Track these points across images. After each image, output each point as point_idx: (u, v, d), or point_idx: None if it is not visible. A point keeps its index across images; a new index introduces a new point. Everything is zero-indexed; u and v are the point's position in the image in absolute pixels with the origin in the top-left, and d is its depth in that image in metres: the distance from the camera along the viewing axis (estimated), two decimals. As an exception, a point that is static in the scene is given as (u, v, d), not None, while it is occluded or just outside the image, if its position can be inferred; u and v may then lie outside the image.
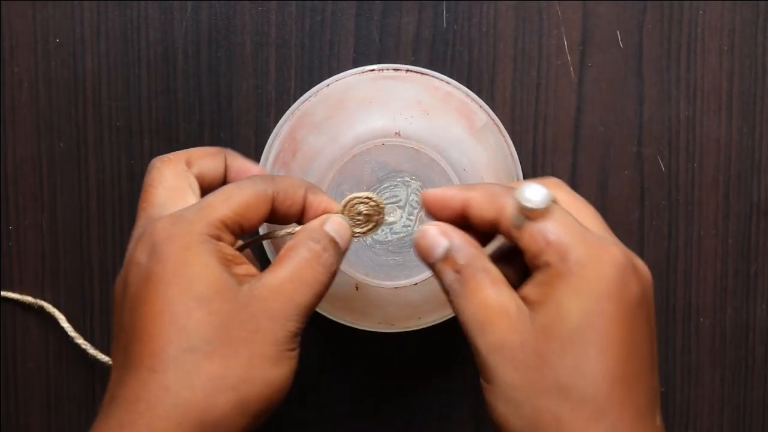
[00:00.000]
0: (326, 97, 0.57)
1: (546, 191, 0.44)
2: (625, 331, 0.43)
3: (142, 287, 0.45)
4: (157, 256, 0.45)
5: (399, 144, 0.55)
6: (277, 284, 0.45)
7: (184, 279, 0.44)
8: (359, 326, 0.58)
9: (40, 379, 0.62)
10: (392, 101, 0.56)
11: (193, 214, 0.46)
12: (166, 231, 0.45)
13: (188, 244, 0.45)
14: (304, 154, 0.56)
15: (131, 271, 0.46)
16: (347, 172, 0.55)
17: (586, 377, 0.42)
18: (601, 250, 0.44)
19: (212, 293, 0.44)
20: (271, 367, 0.45)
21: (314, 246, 0.46)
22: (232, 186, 0.47)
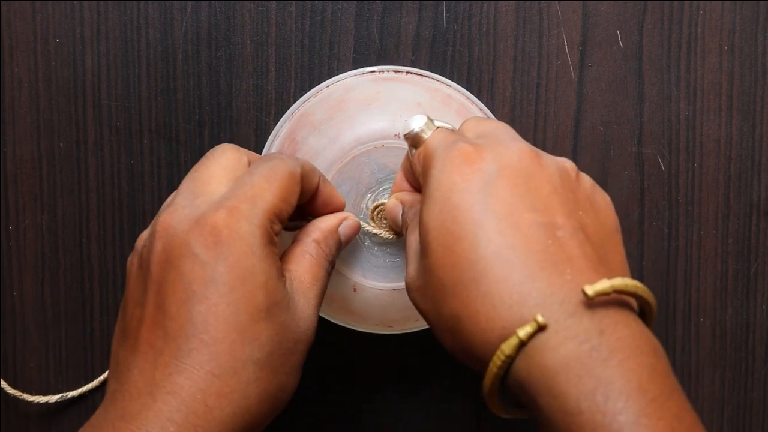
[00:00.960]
0: (326, 98, 0.57)
1: (421, 116, 0.48)
2: (477, 213, 0.43)
3: (203, 285, 0.44)
4: (220, 256, 0.44)
5: (399, 146, 0.55)
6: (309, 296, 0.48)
7: (249, 287, 0.44)
8: (357, 328, 0.58)
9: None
10: (392, 103, 0.56)
11: (247, 207, 0.45)
12: (228, 227, 0.45)
13: (251, 247, 0.45)
14: (304, 154, 0.56)
15: (184, 257, 0.44)
16: (347, 174, 0.55)
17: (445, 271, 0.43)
18: (449, 150, 0.45)
19: (272, 305, 0.45)
20: (298, 375, 0.47)
21: (327, 251, 0.50)
22: (267, 166, 0.47)
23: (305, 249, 0.49)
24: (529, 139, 0.60)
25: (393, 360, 0.62)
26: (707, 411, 0.62)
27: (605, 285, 0.41)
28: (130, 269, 0.47)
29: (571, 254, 0.42)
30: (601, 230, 0.45)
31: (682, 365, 0.62)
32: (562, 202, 0.44)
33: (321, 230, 0.50)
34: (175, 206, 0.46)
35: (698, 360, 0.62)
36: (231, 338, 0.44)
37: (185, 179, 0.49)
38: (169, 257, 0.45)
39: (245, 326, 0.44)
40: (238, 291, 0.44)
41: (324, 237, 0.50)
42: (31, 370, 0.62)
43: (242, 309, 0.44)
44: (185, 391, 0.43)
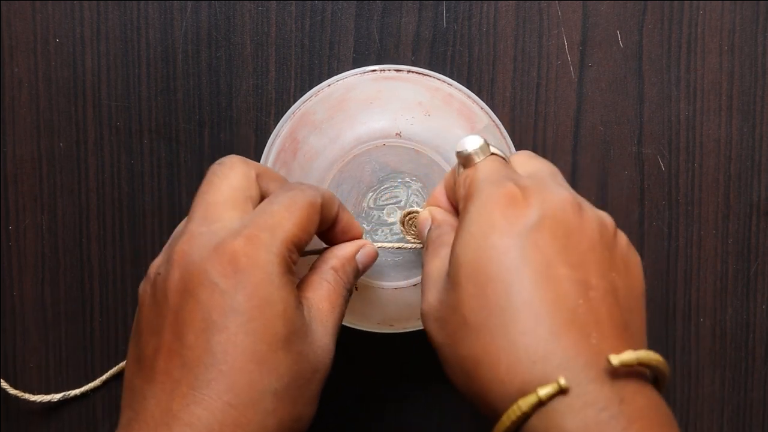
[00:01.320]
0: (327, 97, 0.57)
1: (478, 138, 0.47)
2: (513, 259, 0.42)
3: (222, 314, 0.44)
4: (239, 285, 0.44)
5: (400, 145, 0.55)
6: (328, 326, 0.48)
7: (268, 316, 0.44)
8: (358, 327, 0.58)
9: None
10: (393, 102, 0.56)
11: (267, 236, 0.45)
12: (246, 255, 0.44)
13: (270, 276, 0.44)
14: (305, 153, 0.56)
15: (203, 286, 0.44)
16: (348, 173, 0.55)
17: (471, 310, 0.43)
18: (496, 186, 0.45)
19: (290, 334, 0.45)
20: (315, 404, 0.47)
21: (345, 278, 0.50)
22: (287, 196, 0.47)
23: (323, 277, 0.49)
24: (529, 139, 0.60)
25: (394, 359, 0.62)
26: (707, 411, 0.62)
27: (631, 356, 0.41)
28: (143, 297, 0.47)
29: (599, 317, 0.42)
30: (630, 295, 0.45)
31: (682, 365, 0.62)
32: (598, 261, 0.43)
33: (339, 258, 0.50)
34: (191, 233, 0.46)
35: (698, 360, 0.62)
36: (249, 368, 0.43)
37: (196, 202, 0.48)
38: (187, 286, 0.44)
39: (264, 356, 0.44)
40: (257, 320, 0.44)
41: (342, 265, 0.50)
42: (31, 370, 0.62)
43: (261, 339, 0.44)
44: (202, 422, 0.42)
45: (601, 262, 0.43)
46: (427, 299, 0.46)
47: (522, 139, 0.60)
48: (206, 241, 0.45)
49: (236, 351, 0.43)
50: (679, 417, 0.62)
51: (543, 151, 0.60)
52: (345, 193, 0.55)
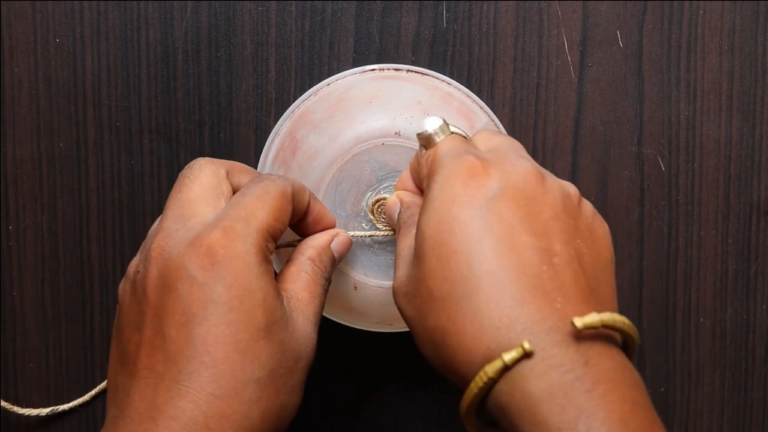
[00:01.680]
0: (327, 96, 0.57)
1: (437, 119, 0.48)
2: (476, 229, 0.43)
3: (202, 306, 0.44)
4: (218, 276, 0.44)
5: (399, 144, 0.55)
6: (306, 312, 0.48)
7: (248, 306, 0.44)
8: (357, 326, 0.58)
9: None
10: (392, 101, 0.56)
11: (241, 226, 0.45)
12: (223, 247, 0.45)
13: (248, 265, 0.45)
14: (304, 152, 0.56)
15: (181, 280, 0.44)
16: (347, 172, 0.55)
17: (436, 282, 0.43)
18: (457, 161, 0.45)
19: (271, 323, 0.45)
20: (300, 393, 0.47)
21: (322, 268, 0.50)
22: (259, 187, 0.48)
23: (301, 267, 0.50)
24: (529, 139, 0.60)
25: (393, 358, 0.62)
26: (707, 411, 0.62)
27: (594, 319, 0.41)
28: (122, 296, 0.47)
29: (563, 282, 0.42)
30: (596, 261, 0.45)
31: (682, 365, 0.62)
32: (562, 229, 0.44)
33: (315, 248, 0.51)
34: (167, 230, 0.46)
35: (698, 360, 0.62)
36: (232, 358, 0.44)
37: (169, 202, 0.48)
38: (166, 281, 0.45)
39: (245, 346, 0.44)
40: (237, 310, 0.44)
41: (318, 254, 0.51)
42: (31, 370, 0.62)
43: (242, 329, 0.44)
44: (187, 415, 0.43)
45: (564, 230, 0.44)
46: (397, 276, 0.47)
47: (522, 139, 0.60)
48: (182, 236, 0.45)
49: (218, 342, 0.43)
50: (679, 417, 0.62)
51: (543, 151, 0.60)
52: (344, 192, 0.55)
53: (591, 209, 0.47)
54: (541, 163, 0.61)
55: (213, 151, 0.60)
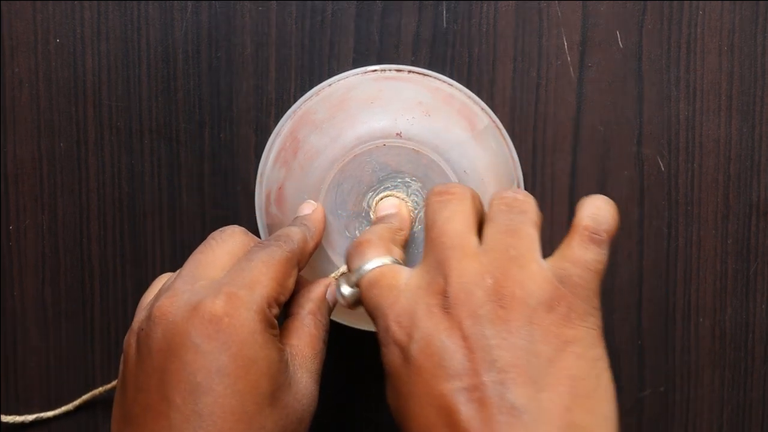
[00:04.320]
0: (328, 96, 0.57)
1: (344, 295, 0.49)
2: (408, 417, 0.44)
3: (207, 376, 0.44)
4: (222, 346, 0.44)
5: (400, 145, 0.55)
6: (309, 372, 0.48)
7: (253, 376, 0.44)
8: (357, 326, 0.58)
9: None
10: (394, 102, 0.56)
11: (245, 293, 0.45)
12: (227, 315, 0.44)
13: (253, 334, 0.45)
14: (305, 153, 0.56)
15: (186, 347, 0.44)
16: (348, 172, 0.55)
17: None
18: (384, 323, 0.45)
19: (276, 390, 0.45)
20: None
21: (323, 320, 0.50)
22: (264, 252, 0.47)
23: (303, 323, 0.50)
24: (529, 139, 0.60)
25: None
26: (707, 411, 0.62)
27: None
28: (128, 351, 0.47)
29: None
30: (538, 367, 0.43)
31: (682, 365, 0.62)
32: (482, 355, 0.42)
33: (314, 301, 0.50)
34: (175, 291, 0.46)
35: (698, 360, 0.62)
36: (238, 428, 0.44)
37: (190, 259, 0.48)
38: (170, 346, 0.44)
39: (252, 416, 0.44)
40: (243, 381, 0.44)
41: (318, 307, 0.50)
42: (31, 370, 0.62)
43: (248, 399, 0.44)
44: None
45: (483, 356, 0.42)
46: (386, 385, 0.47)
47: (522, 139, 0.60)
48: (187, 299, 0.45)
49: (224, 413, 0.43)
50: (679, 417, 0.62)
51: (543, 151, 0.60)
52: (345, 192, 0.55)
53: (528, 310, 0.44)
54: (541, 163, 0.61)
55: (213, 151, 0.60)
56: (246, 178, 0.60)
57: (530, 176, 0.60)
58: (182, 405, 0.44)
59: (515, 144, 0.59)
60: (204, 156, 0.60)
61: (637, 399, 0.62)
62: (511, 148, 0.58)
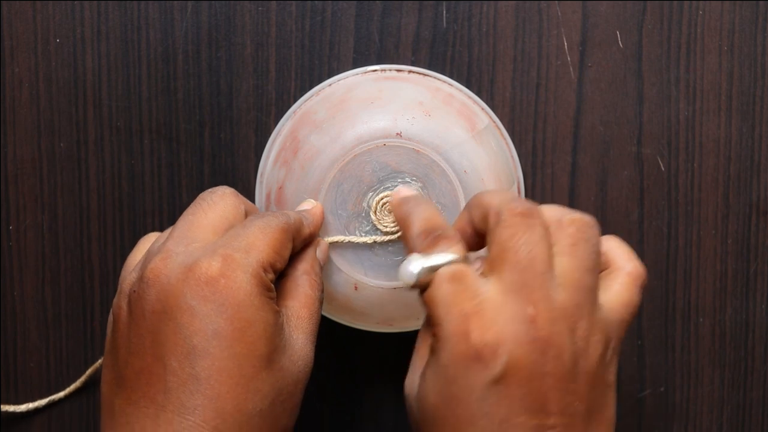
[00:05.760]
0: (328, 96, 0.57)
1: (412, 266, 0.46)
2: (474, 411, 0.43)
3: (204, 338, 0.44)
4: (219, 308, 0.44)
5: (400, 145, 0.55)
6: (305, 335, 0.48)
7: (250, 338, 0.44)
8: (357, 326, 0.58)
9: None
10: (394, 102, 0.56)
11: (241, 256, 0.45)
12: (224, 277, 0.44)
13: (249, 296, 0.44)
14: (306, 153, 0.56)
15: (181, 309, 0.44)
16: (348, 172, 0.55)
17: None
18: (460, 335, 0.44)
19: (272, 352, 0.45)
20: (297, 412, 0.47)
21: (317, 279, 0.50)
22: (261, 220, 0.47)
23: (297, 283, 0.50)
24: (529, 139, 0.60)
25: (393, 358, 0.62)
26: (707, 411, 0.62)
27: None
28: (117, 313, 0.47)
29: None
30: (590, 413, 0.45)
31: (682, 365, 0.62)
32: (561, 396, 0.43)
33: (306, 261, 0.51)
34: (168, 251, 0.46)
35: (698, 360, 0.62)
36: (235, 392, 0.43)
37: (180, 220, 0.48)
38: (165, 307, 0.44)
39: (249, 378, 0.44)
40: (240, 343, 0.44)
41: (312, 266, 0.51)
42: (31, 370, 0.62)
43: (245, 362, 0.44)
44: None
45: (563, 397, 0.43)
46: (410, 379, 0.47)
47: (522, 139, 0.60)
48: (182, 260, 0.45)
49: (222, 376, 0.43)
50: (678, 417, 0.62)
51: (543, 151, 0.60)
52: (345, 192, 0.55)
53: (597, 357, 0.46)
54: (541, 163, 0.61)
55: (213, 151, 0.60)
56: (246, 178, 0.60)
57: (530, 176, 0.60)
58: (178, 368, 0.43)
59: (515, 144, 0.59)
60: (204, 156, 0.60)
61: (637, 399, 0.62)
62: (512, 148, 0.58)
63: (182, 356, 0.43)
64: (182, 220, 0.48)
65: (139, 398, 0.44)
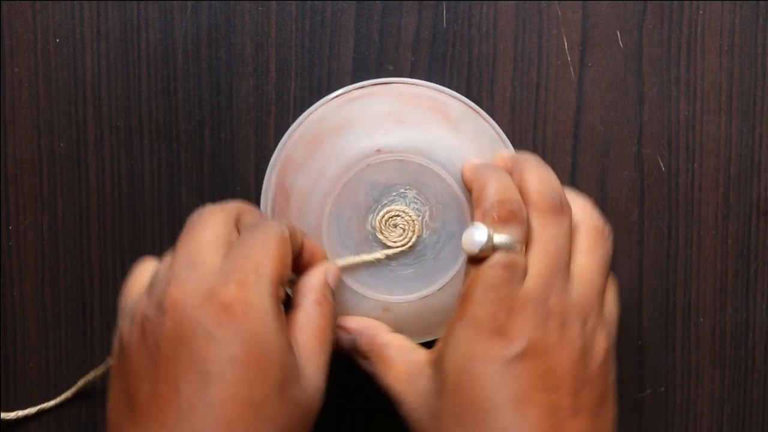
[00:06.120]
0: (302, 135, 0.57)
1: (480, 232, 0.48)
2: (493, 388, 0.46)
3: (218, 364, 0.44)
4: (235, 334, 0.44)
5: (383, 160, 0.54)
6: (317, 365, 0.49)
7: (264, 365, 0.44)
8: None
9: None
10: (364, 121, 0.55)
11: (253, 279, 0.45)
12: (240, 303, 0.44)
13: (265, 322, 0.45)
14: (297, 198, 0.55)
15: (197, 336, 0.44)
16: (342, 202, 0.55)
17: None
18: (486, 311, 0.47)
19: (285, 382, 0.45)
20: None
21: (329, 308, 0.50)
22: (259, 235, 0.47)
23: (308, 314, 0.49)
24: (529, 139, 0.60)
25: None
26: (707, 411, 0.62)
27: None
28: (128, 341, 0.46)
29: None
30: (597, 403, 0.48)
31: (682, 365, 0.62)
32: (574, 380, 0.47)
33: (316, 290, 0.50)
34: (179, 279, 0.46)
35: (698, 360, 0.62)
36: (246, 419, 0.43)
37: (179, 248, 0.48)
38: (181, 335, 0.44)
39: (260, 406, 0.44)
40: (253, 369, 0.44)
41: (323, 295, 0.50)
42: (31, 370, 0.62)
43: (257, 389, 0.44)
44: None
45: (575, 381, 0.47)
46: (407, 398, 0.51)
47: (522, 139, 0.60)
48: (195, 287, 0.45)
49: (234, 401, 0.43)
50: (679, 417, 0.62)
51: (543, 151, 0.60)
52: (346, 221, 0.55)
53: (601, 356, 0.49)
54: (541, 163, 0.61)
55: (213, 151, 0.60)
56: (246, 178, 0.60)
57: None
58: (191, 393, 0.43)
59: (515, 144, 0.59)
60: (204, 156, 0.60)
61: (637, 399, 0.62)
62: (494, 125, 0.58)
63: (196, 382, 0.44)
64: (181, 246, 0.48)
65: (151, 422, 0.44)
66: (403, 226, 0.55)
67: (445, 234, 0.55)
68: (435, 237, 0.55)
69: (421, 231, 0.55)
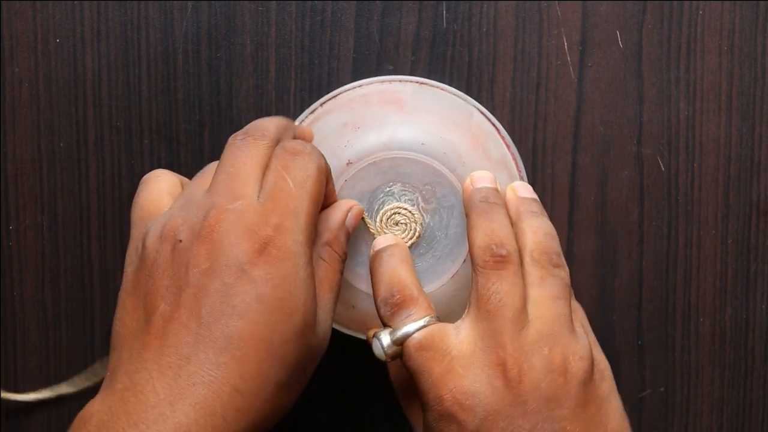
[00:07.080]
0: None
1: (377, 343, 0.50)
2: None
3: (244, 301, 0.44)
4: (267, 275, 0.44)
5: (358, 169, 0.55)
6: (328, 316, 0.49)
7: (288, 309, 0.44)
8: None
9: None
10: (325, 140, 0.55)
11: (292, 223, 0.45)
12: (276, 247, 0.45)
13: (297, 268, 0.45)
14: None
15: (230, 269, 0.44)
16: None
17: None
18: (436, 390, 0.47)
19: (304, 328, 0.45)
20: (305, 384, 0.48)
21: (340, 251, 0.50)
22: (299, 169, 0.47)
23: (319, 255, 0.49)
24: (529, 139, 0.60)
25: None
26: (707, 411, 0.62)
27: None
28: (155, 258, 0.45)
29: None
30: (594, 413, 0.48)
31: (682, 365, 0.62)
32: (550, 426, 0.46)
33: (331, 230, 0.50)
34: (219, 208, 0.45)
35: (698, 360, 0.62)
36: (262, 357, 0.44)
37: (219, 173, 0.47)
38: (213, 266, 0.44)
39: (277, 347, 0.44)
40: (278, 313, 0.44)
41: (336, 236, 0.50)
42: (31, 370, 0.62)
43: (278, 330, 0.44)
44: (207, 404, 0.42)
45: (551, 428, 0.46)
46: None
47: (522, 139, 0.60)
48: (235, 221, 0.45)
49: (253, 339, 0.43)
50: (678, 417, 0.62)
51: (543, 151, 0.60)
52: (353, 242, 0.54)
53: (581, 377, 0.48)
54: (541, 163, 0.61)
55: (213, 151, 0.60)
56: (246, 178, 0.60)
57: (530, 176, 0.60)
58: (213, 324, 0.43)
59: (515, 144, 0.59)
60: (204, 156, 0.60)
61: (637, 399, 0.62)
62: (448, 88, 0.57)
63: (220, 314, 0.43)
64: (222, 171, 0.47)
65: (165, 346, 0.43)
66: (404, 221, 0.55)
67: (444, 210, 0.55)
68: (437, 216, 0.56)
69: (422, 217, 0.55)
